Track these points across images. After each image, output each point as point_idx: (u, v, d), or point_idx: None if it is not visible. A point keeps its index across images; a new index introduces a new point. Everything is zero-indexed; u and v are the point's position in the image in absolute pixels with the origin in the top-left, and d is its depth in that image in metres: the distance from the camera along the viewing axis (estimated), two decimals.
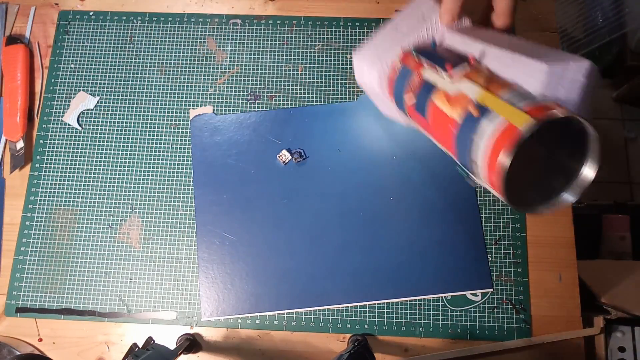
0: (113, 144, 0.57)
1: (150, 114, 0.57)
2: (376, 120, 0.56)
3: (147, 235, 0.54)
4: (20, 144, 0.56)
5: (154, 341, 0.46)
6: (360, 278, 0.52)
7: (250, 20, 0.60)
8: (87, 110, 0.58)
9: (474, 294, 0.51)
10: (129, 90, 0.58)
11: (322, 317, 0.51)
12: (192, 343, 0.50)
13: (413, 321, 0.51)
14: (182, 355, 0.50)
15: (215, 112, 0.57)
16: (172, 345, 0.49)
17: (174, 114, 0.57)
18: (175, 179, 0.55)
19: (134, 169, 0.56)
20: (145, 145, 0.56)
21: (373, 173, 0.54)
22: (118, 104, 0.58)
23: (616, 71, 1.26)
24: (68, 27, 0.60)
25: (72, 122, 0.57)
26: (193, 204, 0.54)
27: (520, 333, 0.50)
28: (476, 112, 0.32)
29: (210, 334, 0.52)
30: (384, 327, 0.51)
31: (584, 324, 0.51)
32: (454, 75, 0.37)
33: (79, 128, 0.57)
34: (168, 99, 0.58)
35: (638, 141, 1.32)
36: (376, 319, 0.51)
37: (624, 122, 1.34)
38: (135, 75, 0.59)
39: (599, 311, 0.53)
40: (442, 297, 0.51)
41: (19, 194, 0.56)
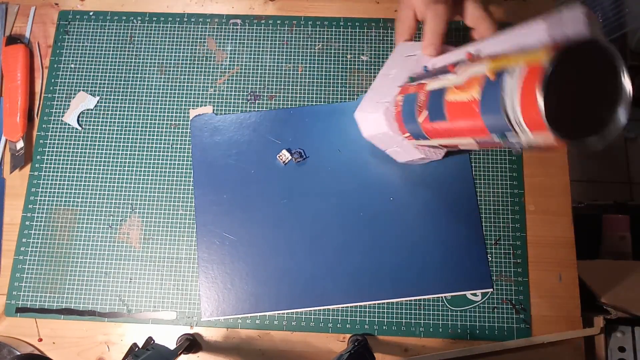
0: (113, 144, 0.57)
1: (150, 114, 0.57)
2: None
3: (147, 235, 0.54)
4: (20, 144, 0.56)
5: (154, 341, 0.46)
6: (360, 278, 0.52)
7: (250, 20, 0.60)
8: (87, 110, 0.58)
9: (474, 294, 0.51)
10: (129, 90, 0.58)
11: (322, 317, 0.51)
12: (192, 343, 0.50)
13: (413, 321, 0.51)
14: (182, 355, 0.50)
15: (215, 112, 0.57)
16: (172, 345, 0.49)
17: (174, 114, 0.57)
18: (175, 179, 0.55)
19: (134, 169, 0.56)
20: (145, 145, 0.56)
21: (373, 173, 0.54)
22: (118, 104, 0.58)
23: None
24: (68, 27, 0.60)
25: (72, 122, 0.57)
26: (193, 204, 0.54)
27: (520, 333, 0.50)
28: (493, 76, 0.31)
29: (210, 334, 0.52)
30: (384, 327, 0.51)
31: (584, 324, 0.51)
32: (458, 70, 0.37)
33: (79, 128, 0.57)
34: (168, 99, 0.58)
35: (638, 141, 1.32)
36: (376, 319, 0.51)
37: None
38: (135, 75, 0.59)
39: (599, 311, 0.53)
40: (442, 297, 0.51)
41: (19, 194, 0.56)
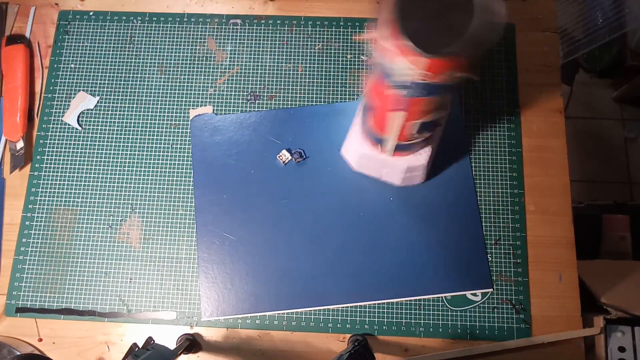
0: (113, 144, 0.57)
1: (150, 114, 0.57)
2: None
3: (147, 235, 0.54)
4: (20, 144, 0.56)
5: (154, 341, 0.46)
6: (360, 278, 0.52)
7: (250, 20, 0.60)
8: (87, 110, 0.58)
9: (474, 294, 0.51)
10: (129, 90, 0.58)
11: (322, 317, 0.51)
12: (192, 343, 0.50)
13: (413, 321, 0.51)
14: (182, 355, 0.50)
15: (215, 112, 0.57)
16: (172, 345, 0.49)
17: (174, 114, 0.57)
18: (175, 179, 0.55)
19: (134, 169, 0.56)
20: (145, 145, 0.56)
21: None
22: (118, 104, 0.58)
23: (616, 71, 1.26)
24: (68, 27, 0.60)
25: (72, 122, 0.57)
26: (193, 204, 0.54)
27: (520, 333, 0.50)
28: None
29: (210, 334, 0.52)
30: (384, 327, 0.51)
31: (584, 324, 0.51)
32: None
33: (79, 128, 0.57)
34: (168, 99, 0.58)
35: (638, 141, 1.32)
36: (376, 319, 0.51)
37: (623, 122, 1.34)
38: (135, 75, 0.59)
39: (599, 311, 0.53)
40: (442, 297, 0.51)
41: (19, 194, 0.56)
